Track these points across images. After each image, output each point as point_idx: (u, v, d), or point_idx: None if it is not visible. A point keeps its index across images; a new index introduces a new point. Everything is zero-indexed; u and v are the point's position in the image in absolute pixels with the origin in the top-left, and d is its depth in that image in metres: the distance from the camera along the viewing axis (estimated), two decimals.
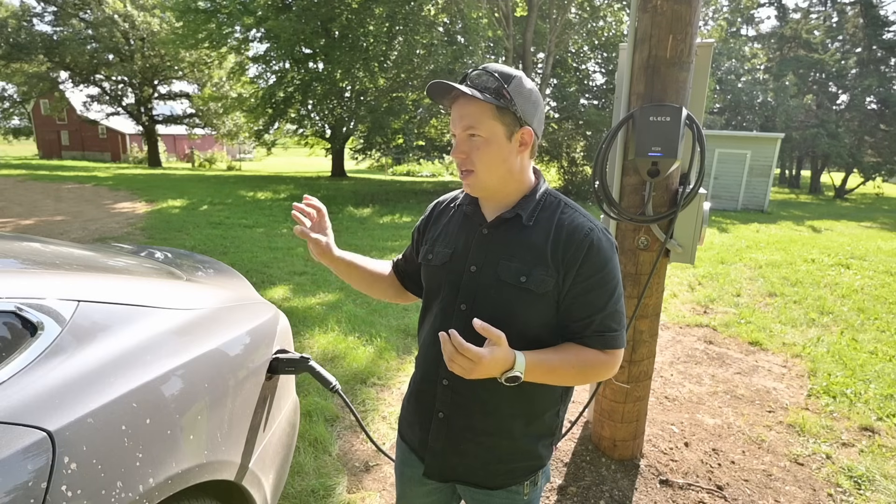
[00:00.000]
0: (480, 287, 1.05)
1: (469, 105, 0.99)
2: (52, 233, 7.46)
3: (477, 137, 1.00)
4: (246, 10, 15.07)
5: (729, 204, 15.06)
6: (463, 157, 1.02)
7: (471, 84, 0.99)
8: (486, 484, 1.13)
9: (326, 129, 20.23)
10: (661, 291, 2.33)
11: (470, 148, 1.01)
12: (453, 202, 1.20)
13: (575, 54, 17.45)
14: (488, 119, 0.98)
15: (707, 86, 2.16)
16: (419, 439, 1.18)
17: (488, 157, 1.01)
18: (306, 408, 2.83)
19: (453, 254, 1.10)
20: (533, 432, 1.11)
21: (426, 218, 1.24)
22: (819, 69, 26.09)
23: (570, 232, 1.02)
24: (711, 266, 7.00)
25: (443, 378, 1.10)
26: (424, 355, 1.16)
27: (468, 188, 1.06)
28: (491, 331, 0.90)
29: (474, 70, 1.02)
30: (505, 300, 1.03)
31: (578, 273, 1.00)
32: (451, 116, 1.04)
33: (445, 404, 1.10)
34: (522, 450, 1.11)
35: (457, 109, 1.02)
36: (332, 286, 5.26)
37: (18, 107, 28.93)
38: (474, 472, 1.13)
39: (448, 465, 1.13)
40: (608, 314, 1.02)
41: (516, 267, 1.02)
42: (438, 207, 1.22)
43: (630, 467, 2.45)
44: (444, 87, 0.99)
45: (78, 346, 1.03)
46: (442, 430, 1.12)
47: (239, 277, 2.01)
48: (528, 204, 1.06)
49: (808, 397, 3.33)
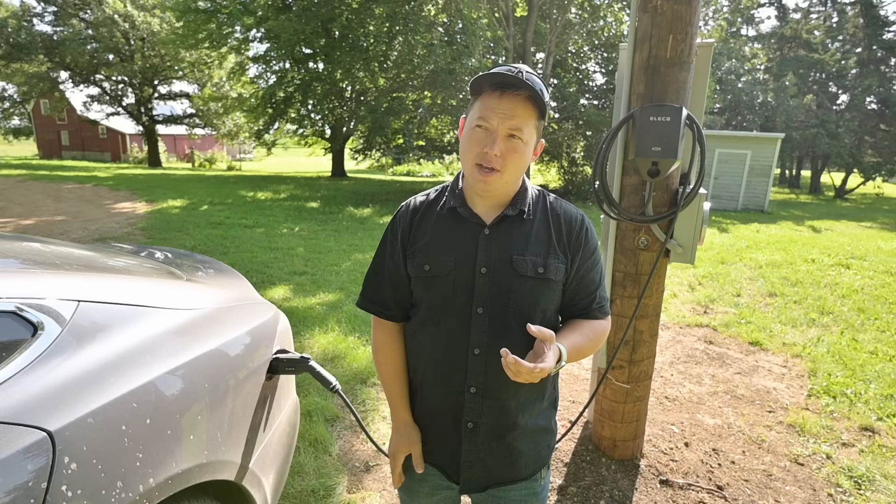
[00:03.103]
0: (495, 287, 1.05)
1: (523, 106, 0.96)
2: (52, 233, 7.46)
3: (517, 140, 0.98)
4: (246, 10, 15.08)
5: (729, 204, 15.06)
6: (498, 156, 0.97)
7: (531, 84, 0.95)
8: (517, 478, 1.14)
9: (326, 129, 20.23)
10: (661, 291, 2.33)
11: (507, 149, 0.98)
12: (433, 206, 1.12)
13: (575, 54, 17.45)
14: (532, 125, 0.99)
15: (707, 86, 2.16)
16: (443, 456, 1.14)
17: (520, 162, 1.01)
18: (306, 408, 2.83)
19: (456, 259, 1.06)
20: (543, 410, 1.16)
21: (405, 228, 1.11)
22: (819, 69, 26.09)
23: (567, 220, 1.10)
24: (711, 266, 7.00)
25: (470, 386, 1.07)
26: (444, 367, 1.09)
27: (485, 184, 1.00)
28: (544, 332, 0.92)
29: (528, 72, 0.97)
30: (524, 294, 1.04)
31: (582, 256, 1.09)
32: (488, 108, 0.97)
33: (474, 413, 1.08)
34: (540, 429, 1.15)
35: (508, 103, 0.95)
36: (332, 286, 5.26)
37: (18, 107, 28.93)
38: (508, 469, 1.13)
39: (486, 473, 1.12)
40: (602, 286, 1.15)
41: (532, 260, 1.04)
42: (416, 214, 1.12)
43: (630, 467, 2.45)
44: (511, 79, 0.94)
45: (78, 346, 1.03)
46: (473, 440, 1.10)
47: (239, 277, 2.01)
48: (523, 199, 1.09)
49: (809, 397, 3.33)
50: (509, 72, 0.96)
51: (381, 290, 1.16)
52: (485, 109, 0.98)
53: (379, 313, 1.17)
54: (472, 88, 1.02)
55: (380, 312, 1.17)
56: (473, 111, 1.01)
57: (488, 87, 0.99)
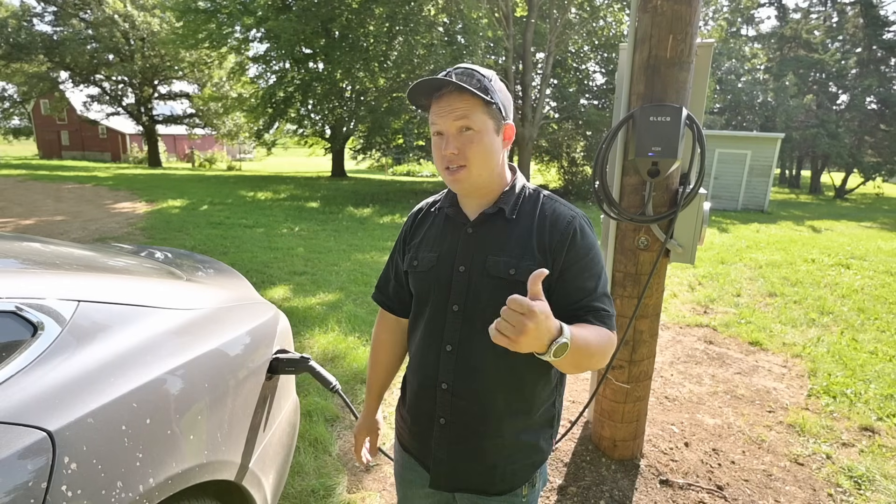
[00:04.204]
0: (471, 286, 1.05)
1: (459, 99, 0.98)
2: (52, 233, 7.46)
3: (470, 131, 0.99)
4: (246, 10, 15.07)
5: (729, 204, 15.06)
6: (455, 153, 0.99)
7: (457, 80, 0.98)
8: (491, 490, 1.11)
9: (326, 129, 20.24)
10: (661, 291, 2.33)
11: (462, 142, 0.99)
12: (433, 207, 1.18)
13: (575, 54, 17.44)
14: (480, 112, 0.99)
15: (707, 86, 2.16)
16: (420, 448, 1.16)
17: (482, 151, 1.00)
18: (306, 408, 2.83)
19: (439, 257, 1.09)
20: (533, 426, 1.11)
21: (407, 227, 1.20)
22: (819, 69, 26.08)
23: (553, 221, 1.04)
24: (711, 266, 7.00)
25: (441, 382, 1.09)
26: (420, 361, 1.14)
27: (457, 183, 1.03)
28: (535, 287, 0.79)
29: (456, 68, 1.01)
30: (497, 295, 1.02)
31: (566, 259, 1.01)
32: (434, 114, 1.01)
33: (446, 409, 1.09)
34: (525, 445, 1.11)
35: (445, 104, 0.99)
36: (332, 286, 5.26)
37: (18, 107, 28.92)
38: (480, 477, 1.10)
39: (454, 473, 1.11)
40: (598, 296, 1.02)
41: (504, 261, 1.02)
42: (419, 215, 1.19)
43: (630, 467, 2.45)
44: (435, 82, 0.98)
45: (78, 346, 1.03)
46: (445, 437, 1.10)
47: (239, 277, 2.01)
48: (509, 198, 1.07)
49: (808, 397, 3.33)
50: (434, 75, 1.00)
51: (388, 282, 1.26)
52: (432, 117, 1.02)
53: (381, 303, 1.28)
54: (418, 106, 1.06)
55: (381, 302, 1.28)
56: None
57: (424, 100, 1.03)
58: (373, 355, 1.31)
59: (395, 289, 1.23)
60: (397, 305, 1.24)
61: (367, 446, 1.35)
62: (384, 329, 1.28)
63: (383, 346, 1.29)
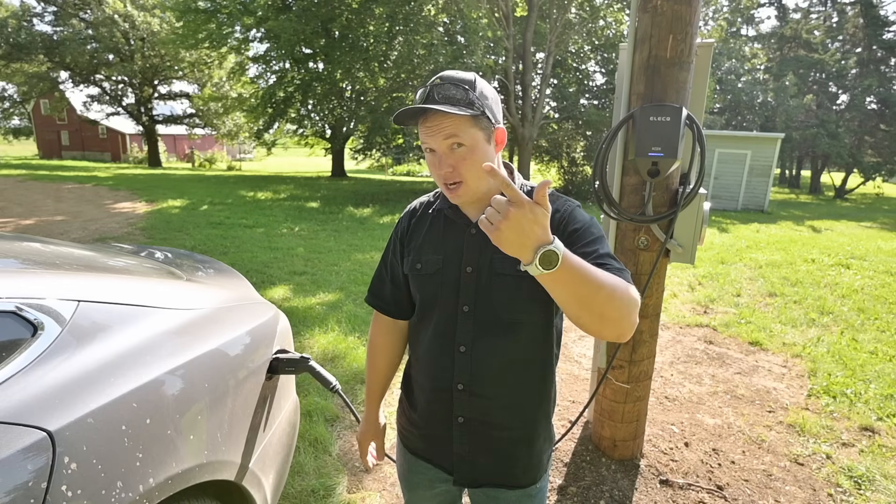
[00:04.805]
0: (480, 285, 1.06)
1: (446, 117, 0.96)
2: (52, 233, 7.46)
3: (462, 147, 0.98)
4: (246, 10, 15.07)
5: (729, 204, 15.06)
6: (450, 171, 0.99)
7: (440, 99, 0.96)
8: (518, 482, 1.13)
9: (326, 129, 20.24)
10: (661, 291, 2.33)
11: (455, 160, 0.98)
12: (428, 208, 1.17)
13: (575, 54, 17.43)
14: (468, 127, 0.97)
15: (707, 86, 2.16)
16: (434, 449, 1.17)
17: (476, 163, 0.99)
18: (306, 408, 2.83)
19: (444, 259, 1.09)
20: (545, 411, 1.14)
21: (403, 228, 1.19)
22: (819, 69, 26.09)
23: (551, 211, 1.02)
24: (711, 266, 7.00)
25: (457, 383, 1.09)
26: (433, 364, 1.14)
27: (458, 198, 1.03)
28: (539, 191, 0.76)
29: (435, 82, 0.99)
30: (505, 293, 1.04)
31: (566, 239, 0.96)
32: (423, 134, 1.00)
33: (464, 408, 1.10)
34: (542, 433, 1.14)
35: (433, 123, 0.97)
36: (332, 286, 5.26)
37: (18, 107, 28.91)
38: (503, 471, 1.13)
39: (477, 469, 1.13)
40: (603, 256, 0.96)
41: (511, 258, 1.01)
42: (414, 216, 1.18)
43: (630, 467, 2.45)
44: (416, 110, 0.96)
45: (78, 346, 1.03)
46: (465, 434, 1.12)
47: (239, 277, 2.01)
48: None
49: (808, 397, 3.33)
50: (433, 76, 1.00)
51: (383, 285, 1.23)
52: (421, 136, 1.01)
53: (377, 307, 1.25)
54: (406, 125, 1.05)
55: (378, 306, 1.25)
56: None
57: (411, 122, 1.02)
58: (370, 359, 1.30)
59: (392, 291, 1.21)
60: (394, 308, 1.23)
61: (372, 451, 1.35)
62: (381, 332, 1.27)
63: (381, 349, 1.28)
